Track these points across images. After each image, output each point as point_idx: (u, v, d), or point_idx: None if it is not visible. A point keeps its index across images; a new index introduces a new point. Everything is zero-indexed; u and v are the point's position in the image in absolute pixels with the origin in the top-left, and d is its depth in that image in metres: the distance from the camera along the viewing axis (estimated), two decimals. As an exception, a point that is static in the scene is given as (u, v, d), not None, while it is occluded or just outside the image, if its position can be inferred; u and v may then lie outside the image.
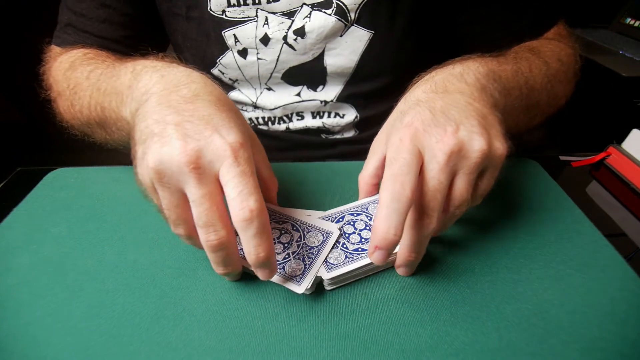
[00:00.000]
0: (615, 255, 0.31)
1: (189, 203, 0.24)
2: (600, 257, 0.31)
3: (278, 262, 0.28)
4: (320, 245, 0.30)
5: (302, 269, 0.28)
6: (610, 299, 0.28)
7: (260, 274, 0.26)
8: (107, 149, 0.44)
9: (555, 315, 0.26)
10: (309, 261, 0.28)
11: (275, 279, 0.27)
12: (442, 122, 0.25)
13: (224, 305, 0.28)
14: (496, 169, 0.27)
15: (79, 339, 0.25)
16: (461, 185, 0.26)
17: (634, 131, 0.43)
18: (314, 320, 0.26)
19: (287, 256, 0.29)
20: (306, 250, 0.29)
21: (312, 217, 0.32)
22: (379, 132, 0.32)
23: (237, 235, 0.24)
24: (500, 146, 0.26)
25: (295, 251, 0.29)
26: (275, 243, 0.30)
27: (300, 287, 0.27)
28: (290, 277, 0.27)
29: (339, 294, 0.28)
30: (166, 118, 0.25)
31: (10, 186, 0.41)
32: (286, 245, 0.30)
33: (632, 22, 1.12)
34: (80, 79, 0.39)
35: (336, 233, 0.30)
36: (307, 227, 0.31)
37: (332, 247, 0.29)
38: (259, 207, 0.23)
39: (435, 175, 0.25)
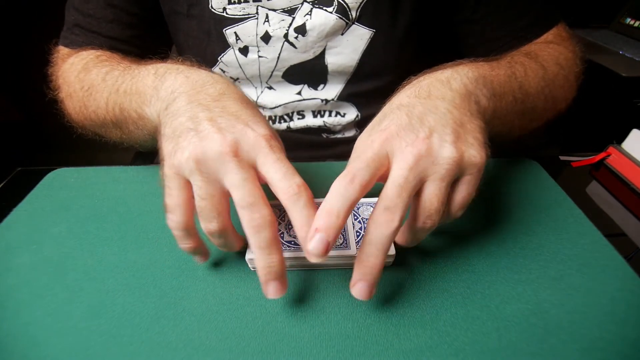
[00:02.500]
0: (615, 255, 0.31)
1: (225, 196, 0.25)
2: (600, 257, 0.31)
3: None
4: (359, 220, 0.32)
5: (342, 238, 0.30)
6: (610, 299, 0.28)
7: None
8: (107, 149, 0.44)
9: (555, 315, 0.26)
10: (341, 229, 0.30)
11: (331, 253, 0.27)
12: (416, 128, 0.25)
13: (224, 305, 0.28)
14: (474, 177, 0.26)
15: (79, 339, 0.25)
16: (431, 192, 0.25)
17: (634, 131, 0.43)
18: (314, 320, 0.26)
19: None
20: None
21: None
22: (362, 133, 0.31)
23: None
24: (476, 154, 0.26)
25: None
26: None
27: (351, 250, 0.29)
28: (339, 246, 0.30)
29: (339, 294, 0.28)
30: (199, 115, 0.26)
31: (10, 186, 0.41)
32: None
33: (632, 22, 1.12)
34: (96, 80, 0.39)
35: (364, 205, 0.34)
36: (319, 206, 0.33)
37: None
38: (304, 184, 0.25)
39: (401, 173, 0.24)
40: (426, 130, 0.25)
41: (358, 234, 0.31)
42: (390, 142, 0.25)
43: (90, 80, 0.40)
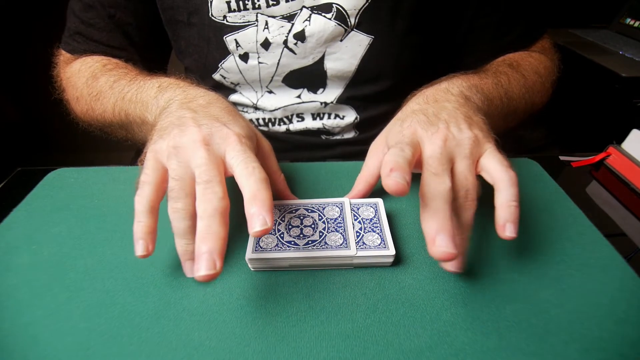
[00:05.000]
0: (615, 255, 0.31)
1: (194, 181, 0.27)
2: (600, 257, 0.31)
3: (317, 241, 0.30)
4: (341, 215, 0.33)
5: (343, 238, 0.31)
6: (610, 299, 0.28)
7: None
8: (107, 149, 0.45)
9: (555, 315, 0.27)
10: (341, 229, 0.31)
11: (326, 253, 0.29)
12: (434, 122, 0.30)
13: (224, 305, 0.28)
14: (494, 147, 0.30)
15: (79, 339, 0.25)
16: (463, 168, 0.28)
17: (634, 131, 0.43)
18: (314, 320, 0.26)
19: (322, 231, 0.31)
20: (333, 223, 0.32)
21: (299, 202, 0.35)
22: (378, 136, 0.35)
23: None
24: (487, 136, 0.30)
25: (325, 226, 0.32)
26: (303, 228, 0.32)
27: (351, 250, 0.29)
28: (339, 246, 0.30)
29: (339, 294, 0.28)
30: (185, 115, 0.30)
31: (10, 186, 0.41)
32: (313, 225, 0.32)
33: (632, 22, 1.12)
34: (104, 87, 0.44)
35: (347, 201, 0.34)
36: (319, 206, 0.34)
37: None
38: (260, 167, 0.27)
39: (436, 149, 0.28)
40: (444, 123, 0.30)
41: (358, 234, 0.31)
42: (417, 134, 0.29)
43: (98, 87, 0.44)
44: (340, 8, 0.44)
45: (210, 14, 0.45)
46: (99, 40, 0.48)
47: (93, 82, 0.45)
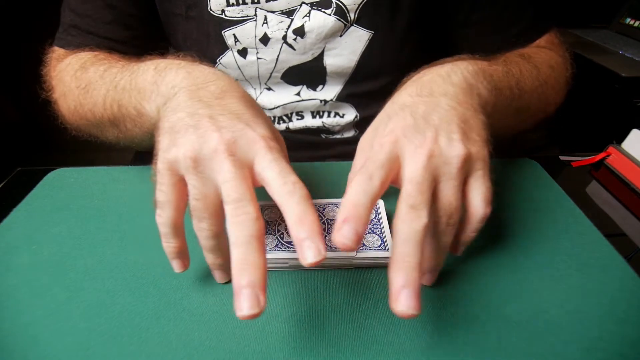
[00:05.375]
0: (615, 255, 0.31)
1: (219, 196, 0.24)
2: (600, 257, 0.31)
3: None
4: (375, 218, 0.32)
5: (379, 239, 0.31)
6: (610, 299, 0.28)
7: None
8: (107, 149, 0.44)
9: (555, 315, 0.26)
10: (378, 230, 0.31)
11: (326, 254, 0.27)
12: (422, 128, 0.25)
13: (224, 305, 0.28)
14: (484, 171, 0.26)
15: (79, 339, 0.25)
16: (447, 191, 0.25)
17: (634, 131, 0.43)
18: (314, 320, 0.26)
19: (322, 232, 0.30)
20: (333, 224, 0.29)
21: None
22: (366, 131, 0.32)
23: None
24: (481, 150, 0.26)
25: (325, 227, 0.31)
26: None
27: (351, 251, 0.28)
28: (374, 248, 0.30)
29: (339, 295, 0.28)
30: (199, 111, 0.26)
31: (10, 186, 0.41)
32: None
33: (632, 22, 1.12)
34: (94, 78, 0.38)
35: (380, 204, 0.34)
36: (319, 206, 0.34)
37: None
38: (300, 182, 0.24)
39: (417, 172, 0.24)
40: (432, 130, 0.25)
41: None
42: (399, 144, 0.25)
43: (87, 78, 0.39)
44: (340, 3, 0.43)
45: (208, 7, 0.44)
46: (95, 32, 0.44)
47: (82, 74, 0.40)
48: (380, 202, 0.34)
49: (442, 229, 0.25)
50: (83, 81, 0.39)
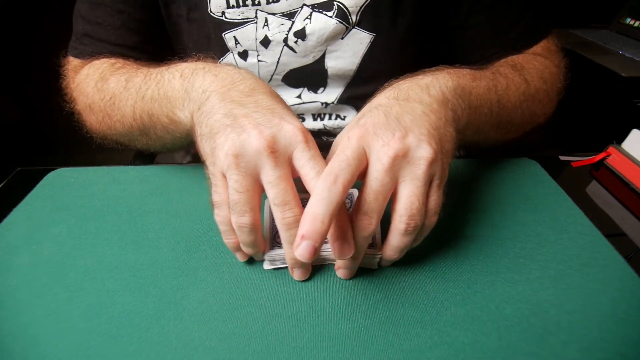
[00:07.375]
0: (615, 255, 0.31)
1: (259, 191, 0.26)
2: (600, 257, 0.31)
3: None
4: (350, 208, 0.32)
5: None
6: (610, 299, 0.28)
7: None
8: (107, 148, 0.44)
9: (555, 315, 0.26)
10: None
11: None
12: (392, 126, 0.26)
13: (224, 305, 0.28)
14: (442, 181, 0.27)
15: (79, 339, 0.25)
16: (409, 191, 0.25)
17: (634, 131, 0.43)
18: (314, 320, 0.26)
19: None
20: None
21: None
22: (342, 131, 0.32)
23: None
24: (446, 161, 0.27)
25: None
26: None
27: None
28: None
29: (339, 294, 0.28)
30: (234, 111, 0.27)
31: (10, 186, 0.41)
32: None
33: (632, 22, 1.12)
34: (117, 89, 0.39)
35: (355, 193, 0.34)
36: None
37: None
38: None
39: (377, 176, 0.25)
40: (402, 130, 0.26)
41: None
42: (366, 139, 0.26)
43: (110, 90, 0.40)
44: (342, 5, 0.44)
45: (209, 9, 0.44)
46: (107, 39, 0.45)
47: (103, 85, 0.41)
48: (355, 192, 0.34)
49: (401, 228, 0.26)
50: (107, 93, 0.40)
